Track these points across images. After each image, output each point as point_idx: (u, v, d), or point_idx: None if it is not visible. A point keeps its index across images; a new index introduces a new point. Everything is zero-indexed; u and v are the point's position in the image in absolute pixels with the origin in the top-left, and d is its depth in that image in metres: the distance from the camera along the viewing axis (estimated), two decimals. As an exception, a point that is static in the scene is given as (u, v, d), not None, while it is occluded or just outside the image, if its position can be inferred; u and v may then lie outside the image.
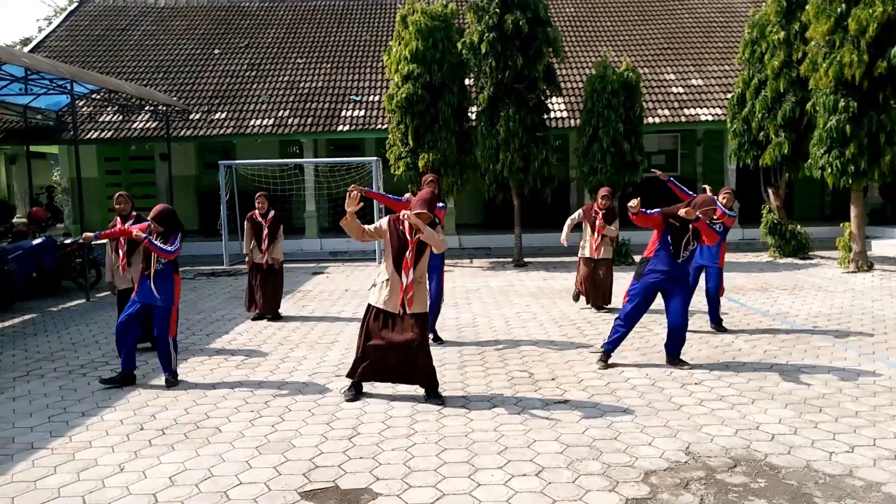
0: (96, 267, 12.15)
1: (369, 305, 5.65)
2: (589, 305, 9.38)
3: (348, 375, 5.82)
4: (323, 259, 16.01)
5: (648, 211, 6.39)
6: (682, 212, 6.17)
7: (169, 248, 6.14)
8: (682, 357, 6.56)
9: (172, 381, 6.30)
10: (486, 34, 13.49)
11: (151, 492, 4.13)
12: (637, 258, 13.70)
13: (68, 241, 12.18)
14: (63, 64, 13.35)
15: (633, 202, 6.10)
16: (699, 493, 3.94)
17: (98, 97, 14.96)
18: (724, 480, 4.09)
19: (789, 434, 4.77)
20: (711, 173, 18.81)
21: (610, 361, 6.63)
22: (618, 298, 9.72)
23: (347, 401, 5.67)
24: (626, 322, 6.49)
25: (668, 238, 6.34)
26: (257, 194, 9.33)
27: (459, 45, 14.04)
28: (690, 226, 6.31)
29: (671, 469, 4.26)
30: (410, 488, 4.09)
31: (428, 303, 5.76)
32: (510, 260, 14.76)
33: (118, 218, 7.39)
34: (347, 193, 5.36)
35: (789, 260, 14.13)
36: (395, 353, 5.50)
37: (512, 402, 5.61)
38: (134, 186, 20.28)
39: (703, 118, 16.85)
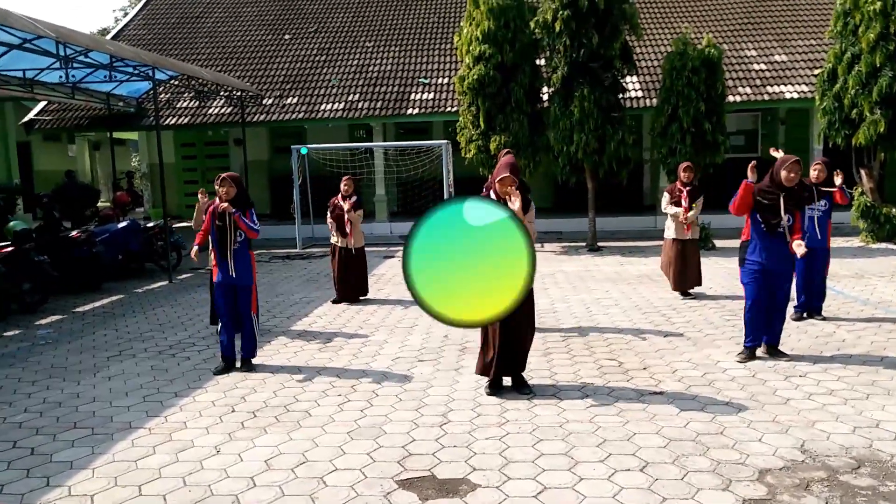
0: (177, 250, 12.45)
1: None
2: (675, 291, 8.96)
3: (481, 373, 5.53)
4: (393, 243, 16.01)
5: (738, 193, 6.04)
6: (779, 177, 5.95)
7: (256, 227, 6.12)
8: (780, 347, 6.22)
9: (248, 368, 6.25)
10: (561, 12, 13.07)
11: (248, 475, 4.13)
12: (717, 243, 13.27)
13: (150, 224, 12.51)
14: (145, 51, 13.67)
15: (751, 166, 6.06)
16: (822, 495, 3.67)
17: (176, 83, 15.28)
18: (848, 483, 3.80)
19: (914, 433, 4.42)
20: (795, 154, 17.88)
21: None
22: (707, 281, 9.30)
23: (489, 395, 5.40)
24: (752, 310, 6.06)
25: (758, 216, 5.99)
26: (345, 178, 9.39)
27: (532, 24, 13.68)
28: (782, 197, 5.92)
29: (788, 468, 3.99)
30: (510, 480, 3.95)
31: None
32: (583, 244, 14.41)
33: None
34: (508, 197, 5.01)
35: (883, 245, 13.31)
36: (507, 335, 5.29)
37: (604, 392, 5.40)
38: (209, 171, 20.81)
39: (787, 96, 16.01)
